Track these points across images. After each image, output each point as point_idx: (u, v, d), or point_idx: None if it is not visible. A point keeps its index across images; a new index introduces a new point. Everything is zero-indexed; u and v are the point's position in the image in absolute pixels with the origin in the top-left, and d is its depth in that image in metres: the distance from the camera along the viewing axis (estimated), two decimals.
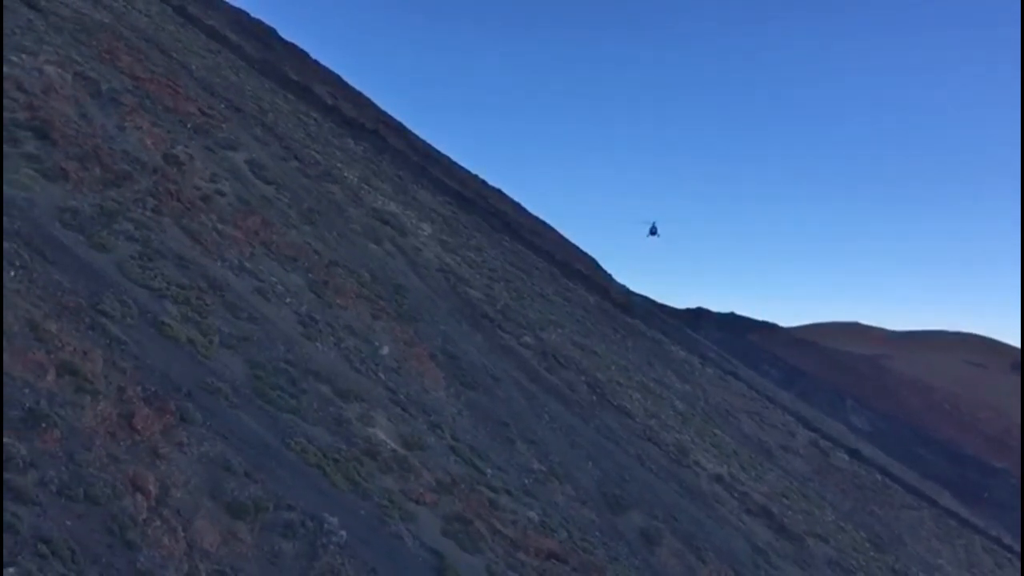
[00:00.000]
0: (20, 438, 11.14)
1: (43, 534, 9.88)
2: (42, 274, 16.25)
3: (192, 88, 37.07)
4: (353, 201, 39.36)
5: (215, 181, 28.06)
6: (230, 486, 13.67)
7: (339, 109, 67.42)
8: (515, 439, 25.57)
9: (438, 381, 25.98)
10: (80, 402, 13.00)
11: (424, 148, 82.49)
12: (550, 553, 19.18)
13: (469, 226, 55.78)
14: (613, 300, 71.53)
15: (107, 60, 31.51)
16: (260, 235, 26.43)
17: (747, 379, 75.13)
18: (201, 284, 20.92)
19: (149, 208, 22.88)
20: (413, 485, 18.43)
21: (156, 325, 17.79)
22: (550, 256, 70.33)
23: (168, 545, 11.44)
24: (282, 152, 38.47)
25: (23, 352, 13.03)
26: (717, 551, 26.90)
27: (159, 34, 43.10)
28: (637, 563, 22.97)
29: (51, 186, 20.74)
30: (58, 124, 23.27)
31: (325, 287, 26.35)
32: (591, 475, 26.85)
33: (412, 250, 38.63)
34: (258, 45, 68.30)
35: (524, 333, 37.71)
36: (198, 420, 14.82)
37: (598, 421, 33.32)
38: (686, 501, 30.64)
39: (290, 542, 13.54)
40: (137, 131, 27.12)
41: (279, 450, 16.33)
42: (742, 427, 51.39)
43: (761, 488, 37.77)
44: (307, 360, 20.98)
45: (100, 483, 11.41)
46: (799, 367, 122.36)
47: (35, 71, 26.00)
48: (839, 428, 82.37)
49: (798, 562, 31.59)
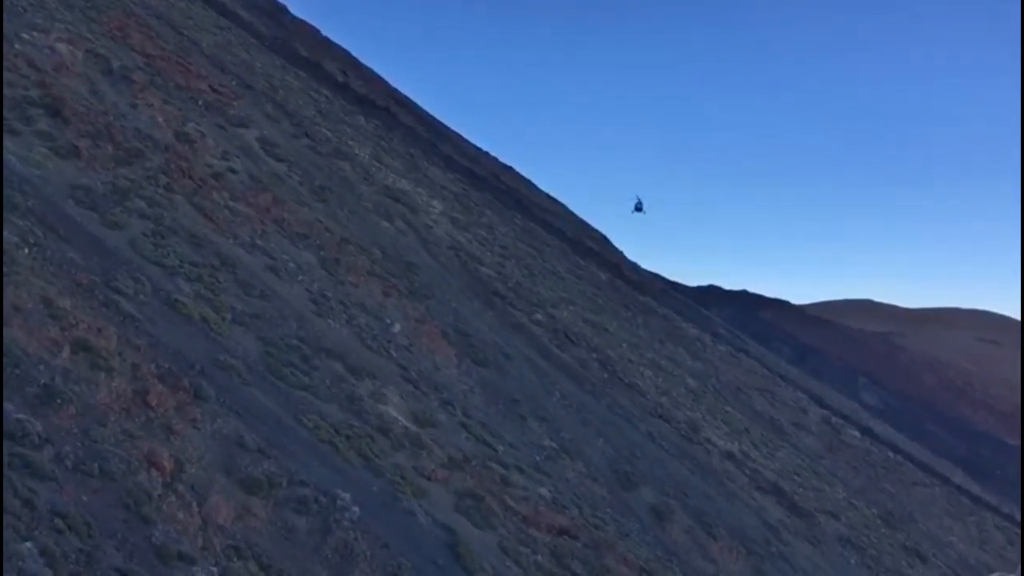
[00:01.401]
0: (36, 414, 11.24)
1: (59, 509, 9.98)
2: (56, 251, 16.33)
3: (203, 65, 37.02)
4: (364, 178, 39.32)
5: (226, 159, 28.08)
6: (244, 462, 13.78)
7: (350, 86, 67.24)
8: (526, 416, 25.64)
9: (449, 358, 26.04)
10: (95, 379, 13.10)
11: (435, 125, 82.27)
12: (561, 529, 19.28)
13: (480, 203, 55.68)
14: (625, 277, 71.42)
15: (118, 38, 31.48)
16: (272, 212, 26.46)
17: (759, 356, 75.01)
18: (213, 262, 20.99)
19: (161, 186, 22.93)
20: (425, 462, 18.52)
21: (169, 302, 17.88)
22: (561, 233, 70.20)
23: (183, 520, 11.55)
24: (293, 129, 38.43)
25: (38, 329, 13.12)
26: (728, 528, 26.98)
27: (170, 11, 43.00)
28: (648, 539, 23.06)
29: (64, 164, 20.81)
30: (70, 102, 23.30)
31: (336, 264, 26.39)
32: (602, 452, 26.93)
33: (423, 227, 38.61)
34: (269, 22, 68.08)
35: (535, 310, 37.72)
36: (212, 397, 14.92)
37: (609, 398, 33.36)
38: (697, 478, 30.70)
39: (303, 518, 13.64)
40: (149, 109, 27.13)
41: (292, 427, 16.43)
42: (754, 404, 51.38)
43: (772, 465, 37.81)
44: (319, 337, 21.05)
45: (115, 459, 11.51)
46: (811, 344, 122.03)
47: (47, 49, 26.00)
48: (851, 405, 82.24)
49: (809, 539, 31.65)
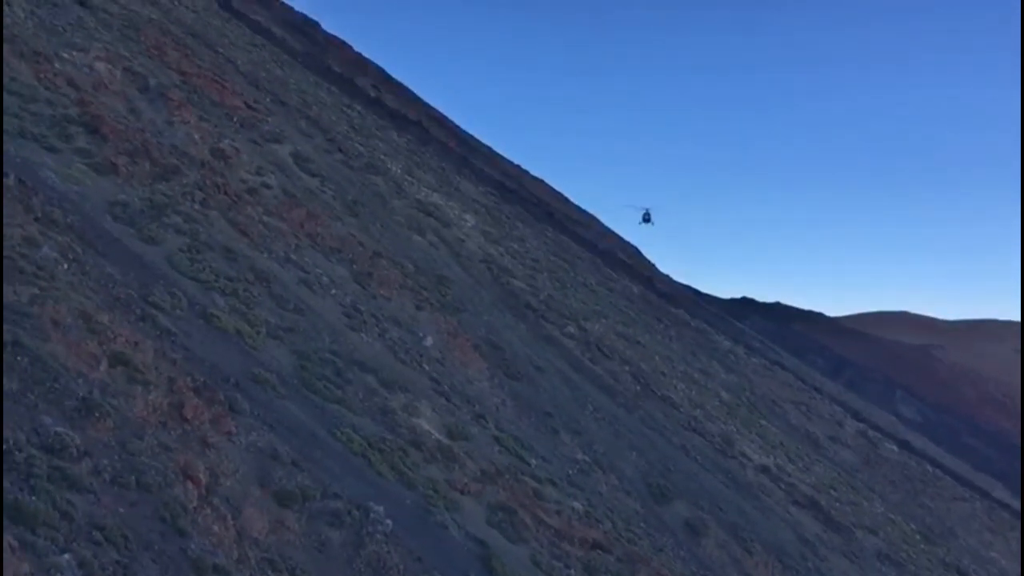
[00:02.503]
0: (74, 427, 11.38)
1: (97, 521, 10.08)
2: (94, 267, 16.57)
3: (238, 82, 37.51)
4: (396, 193, 39.55)
5: (261, 174, 28.39)
6: (278, 475, 13.85)
7: (382, 101, 67.77)
8: (559, 429, 25.55)
9: (482, 371, 26.04)
10: (132, 392, 13.24)
11: (467, 139, 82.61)
12: (595, 543, 19.15)
13: (512, 216, 55.76)
14: (657, 290, 71.10)
15: (155, 55, 31.99)
16: (305, 227, 26.68)
17: (793, 369, 74.24)
18: (248, 276, 21.19)
19: (197, 201, 23.22)
20: (458, 475, 18.50)
21: (205, 316, 18.06)
22: (593, 246, 70.10)
23: (218, 532, 11.62)
24: (326, 144, 38.77)
25: (77, 343, 13.30)
26: (764, 542, 26.66)
27: (205, 29, 43.64)
28: (682, 554, 22.85)
29: (102, 180, 21.14)
30: (108, 119, 23.69)
31: (369, 278, 26.53)
32: (635, 465, 26.76)
33: (455, 241, 38.73)
34: (302, 39, 68.84)
35: (567, 323, 37.64)
36: (246, 410, 15.02)
37: (642, 411, 33.17)
38: (732, 492, 30.39)
39: (337, 530, 13.67)
40: (185, 125, 27.52)
41: (325, 440, 16.49)
42: (789, 417, 50.82)
43: (808, 479, 37.34)
44: (352, 351, 21.15)
45: (152, 471, 11.61)
46: (847, 357, 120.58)
47: (86, 67, 26.48)
48: (888, 419, 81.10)
49: (847, 554, 31.18)
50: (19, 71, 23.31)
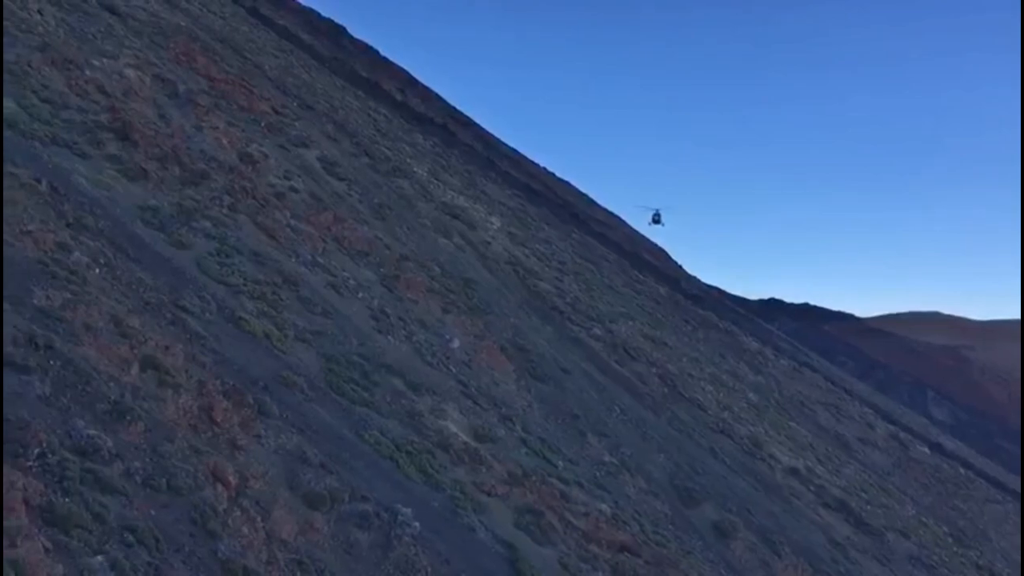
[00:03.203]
0: (106, 430, 11.51)
1: (129, 523, 10.19)
2: (125, 271, 16.76)
3: (265, 87, 37.80)
4: (423, 196, 39.67)
5: (288, 178, 28.59)
6: (307, 477, 13.93)
7: (408, 104, 68.03)
8: (586, 431, 25.51)
9: (508, 374, 26.05)
10: (162, 395, 13.38)
11: (493, 141, 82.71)
12: (622, 546, 19.09)
13: (538, 219, 55.75)
14: (684, 291, 70.78)
15: (184, 62, 32.32)
16: (332, 231, 26.83)
17: (823, 370, 73.61)
18: (276, 280, 21.34)
19: (226, 206, 23.43)
20: (485, 477, 18.52)
21: (234, 320, 18.21)
22: (619, 247, 69.93)
23: (248, 534, 11.70)
24: (353, 148, 38.98)
25: (108, 347, 13.46)
26: (793, 545, 26.44)
27: (233, 35, 44.03)
28: (711, 556, 22.72)
29: (132, 186, 21.38)
30: (138, 125, 23.96)
31: (396, 281, 26.63)
32: (663, 468, 26.65)
33: (481, 243, 38.78)
34: (329, 44, 69.28)
35: (594, 325, 37.57)
36: (275, 413, 15.13)
37: (670, 413, 33.03)
38: (761, 494, 30.18)
39: (365, 532, 13.73)
40: (213, 131, 27.77)
41: (353, 442, 16.57)
42: (818, 419, 50.38)
43: (838, 481, 36.99)
44: (379, 353, 21.24)
45: (182, 474, 11.72)
46: (877, 358, 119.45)
47: (116, 74, 26.80)
48: (919, 420, 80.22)
49: (878, 557, 30.86)
50: (51, 78, 23.64)
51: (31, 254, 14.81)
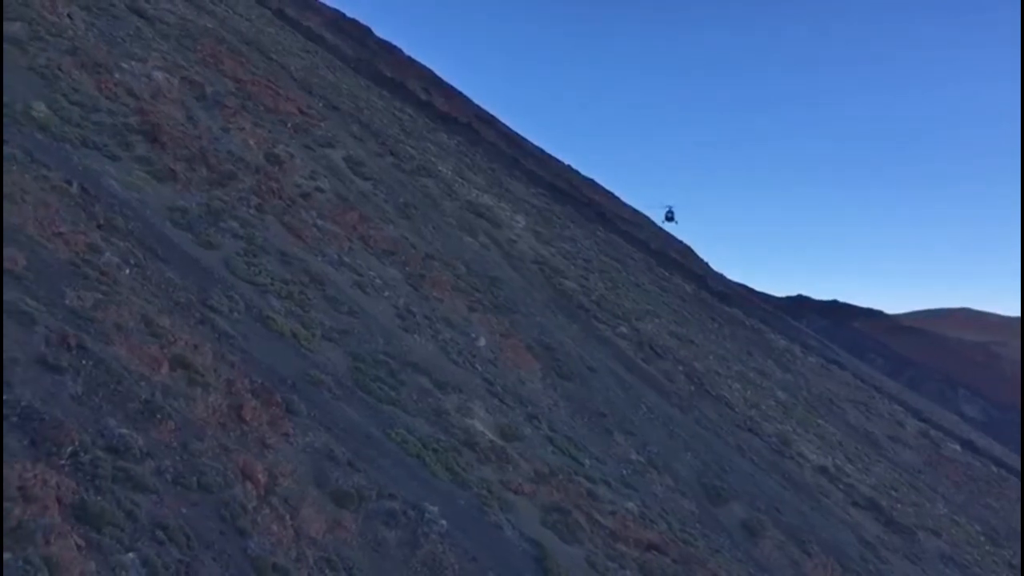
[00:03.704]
0: (137, 429, 11.63)
1: (160, 521, 10.29)
2: (155, 272, 16.94)
3: (291, 88, 38.03)
4: (448, 194, 39.75)
5: (314, 178, 28.76)
6: (334, 475, 14.01)
7: (433, 104, 68.19)
8: (612, 430, 25.45)
9: (534, 372, 26.05)
10: (192, 394, 13.50)
11: (517, 140, 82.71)
12: (650, 544, 19.03)
13: (563, 217, 55.70)
14: (710, 289, 70.42)
15: (211, 64, 32.60)
16: (358, 230, 26.96)
17: (852, 368, 72.97)
18: (303, 279, 21.48)
19: (253, 206, 23.61)
20: (511, 475, 18.53)
21: (262, 319, 18.34)
22: (645, 245, 69.69)
23: (277, 532, 11.79)
24: (378, 148, 39.13)
25: (139, 347, 13.60)
26: (822, 544, 26.24)
27: (259, 37, 44.34)
28: (740, 555, 22.60)
29: (161, 187, 21.60)
30: (166, 127, 24.20)
31: (422, 280, 26.71)
32: (690, 466, 26.54)
33: (507, 242, 38.80)
34: (354, 44, 69.61)
35: (620, 323, 37.48)
36: (303, 411, 15.22)
37: (697, 411, 32.89)
38: (789, 493, 29.97)
39: (392, 530, 13.79)
40: (240, 132, 27.99)
41: (380, 440, 16.64)
42: (847, 417, 49.95)
43: (868, 480, 36.67)
44: (406, 352, 21.31)
45: (212, 472, 11.82)
46: (907, 355, 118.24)
47: (144, 77, 27.08)
48: (951, 418, 79.31)
49: (909, 556, 30.55)
50: (81, 82, 23.93)
51: (63, 255, 15.00)
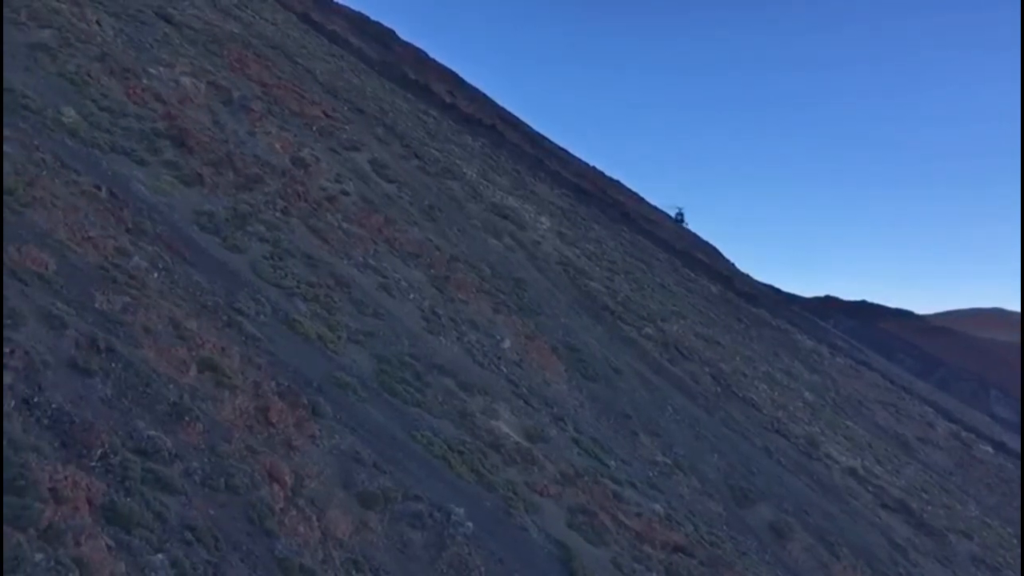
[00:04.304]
0: (166, 431, 11.75)
1: (189, 522, 10.38)
2: (182, 275, 17.10)
3: (316, 92, 38.26)
4: (472, 197, 39.81)
5: (340, 181, 28.90)
6: (360, 477, 14.06)
7: (457, 106, 68.30)
8: (638, 431, 25.37)
9: (559, 374, 26.02)
10: (220, 396, 13.61)
11: (541, 141, 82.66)
12: (676, 546, 18.95)
13: (588, 218, 55.60)
14: (736, 289, 70.01)
15: (237, 69, 32.87)
16: (383, 233, 27.06)
17: (881, 369, 72.24)
18: (329, 282, 21.60)
19: (279, 209, 23.77)
20: (537, 477, 18.52)
21: (288, 322, 18.46)
22: (670, 246, 69.39)
23: (304, 533, 11.86)
24: (403, 151, 39.26)
25: (167, 349, 13.74)
26: (852, 547, 26.00)
27: (285, 41, 44.64)
28: (767, 558, 22.44)
29: (188, 191, 21.81)
30: (194, 132, 24.43)
31: (447, 282, 26.76)
32: (717, 468, 26.39)
33: (531, 244, 38.79)
34: (378, 47, 69.90)
35: (645, 324, 37.35)
36: (329, 413, 15.30)
37: (723, 413, 32.70)
38: (817, 495, 29.72)
39: (418, 532, 13.82)
40: (266, 136, 28.20)
41: (406, 442, 16.69)
42: (876, 419, 49.45)
43: (898, 482, 36.28)
44: (431, 354, 21.36)
45: (240, 474, 11.91)
46: (938, 356, 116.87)
47: (172, 82, 27.36)
48: (982, 419, 78.26)
49: (940, 559, 30.19)
50: (110, 88, 24.22)
51: (92, 259, 15.18)
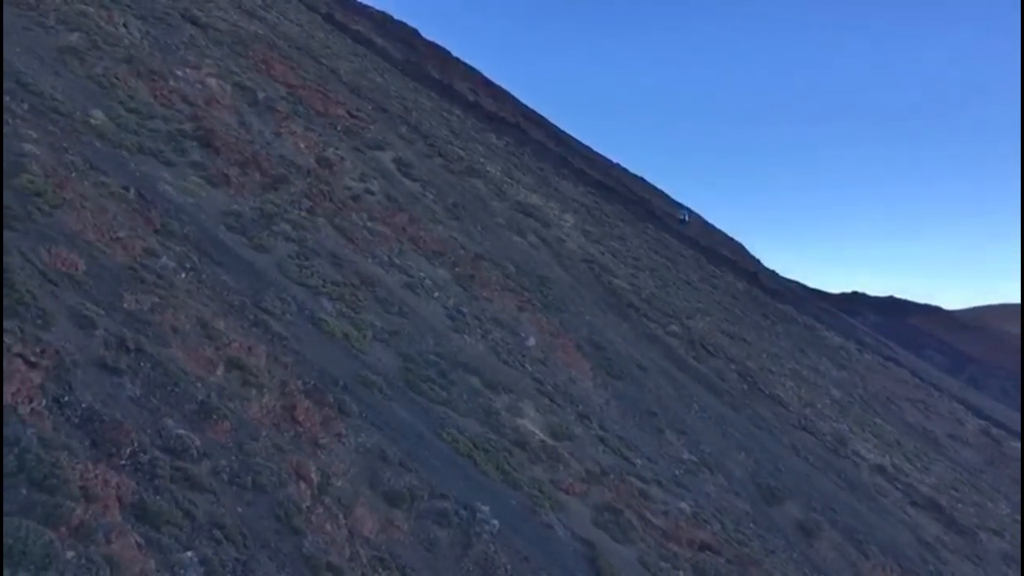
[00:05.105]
0: (194, 429, 11.85)
1: (217, 520, 10.46)
2: (210, 275, 17.24)
3: (341, 92, 38.43)
4: (496, 195, 39.83)
5: (364, 180, 29.02)
6: (386, 475, 14.12)
7: (480, 104, 68.38)
8: (664, 429, 25.28)
9: (585, 371, 25.98)
10: (247, 395, 13.71)
11: (565, 139, 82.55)
12: (703, 544, 18.87)
13: (612, 215, 55.47)
14: (762, 286, 69.57)
15: (262, 70, 33.08)
16: (408, 231, 27.14)
17: (909, 365, 71.57)
18: (354, 281, 21.69)
19: (304, 209, 23.91)
20: (563, 475, 18.51)
21: (314, 321, 18.57)
22: (695, 243, 69.09)
23: (331, 532, 11.92)
24: (427, 149, 39.35)
25: (194, 349, 13.86)
26: (880, 545, 25.78)
27: (309, 42, 44.88)
28: (795, 556, 22.30)
29: (215, 192, 21.98)
30: (220, 133, 24.62)
31: (471, 280, 26.79)
32: (744, 465, 26.25)
33: (556, 241, 38.75)
34: (402, 47, 70.09)
35: (671, 321, 37.21)
36: (355, 412, 15.37)
37: (750, 410, 32.52)
38: (845, 492, 29.49)
39: (444, 530, 13.86)
40: (291, 136, 28.37)
41: (432, 440, 16.74)
42: (905, 415, 48.99)
43: (928, 479, 35.92)
44: (456, 352, 21.40)
45: (267, 472, 11.99)
46: (967, 352, 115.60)
47: (198, 84, 27.58)
48: (1013, 416, 77.27)
49: (970, 557, 29.87)
50: (137, 90, 24.45)
51: (121, 260, 15.34)
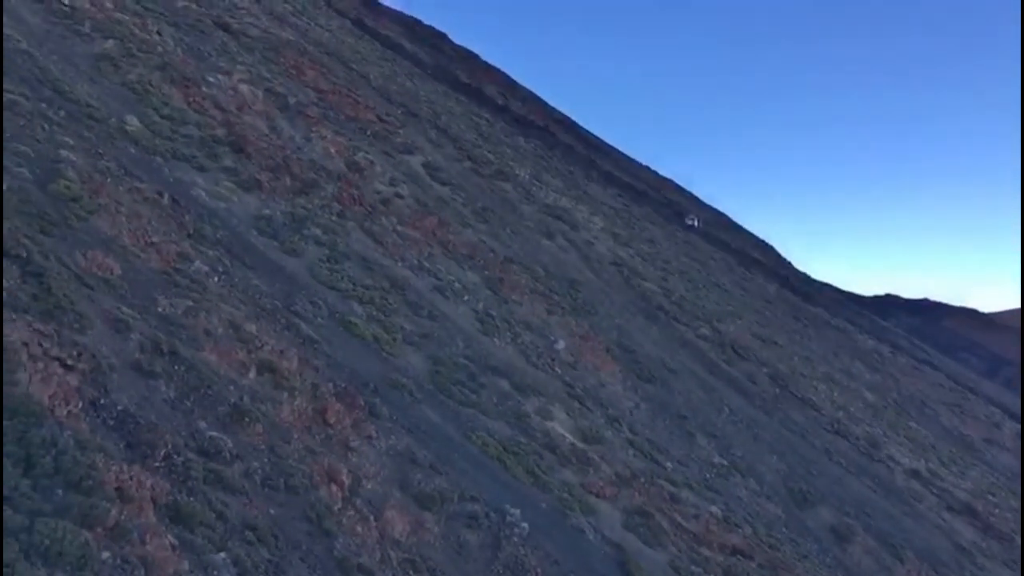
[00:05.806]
0: (227, 432, 11.96)
1: (249, 522, 10.55)
2: (242, 279, 17.41)
3: (371, 97, 38.66)
4: (525, 198, 39.85)
5: (394, 184, 29.17)
6: (416, 478, 14.16)
7: (509, 108, 68.46)
8: (694, 432, 25.15)
9: (614, 375, 25.90)
10: (278, 398, 13.82)
11: (594, 142, 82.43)
12: (735, 549, 18.74)
13: (641, 218, 55.29)
14: (794, 288, 68.99)
15: (293, 75, 33.37)
16: (437, 235, 27.23)
17: (944, 368, 70.61)
18: (384, 284, 21.80)
19: (335, 213, 24.08)
20: (592, 478, 18.47)
21: (344, 324, 18.68)
22: (726, 245, 68.66)
23: (362, 533, 11.97)
24: (456, 153, 39.47)
25: (227, 352, 13.99)
26: (915, 550, 25.45)
27: (339, 47, 45.20)
28: (828, 561, 22.08)
29: (247, 196, 22.19)
30: (251, 138, 24.86)
31: (500, 284, 26.82)
32: (775, 469, 26.03)
33: (585, 244, 38.70)
34: (431, 51, 70.36)
35: (701, 325, 37.00)
36: (385, 415, 15.44)
37: (782, 414, 32.24)
38: (879, 497, 29.15)
39: (474, 532, 13.87)
40: (322, 140, 28.58)
41: (461, 443, 16.77)
42: (940, 419, 48.33)
43: (964, 484, 35.40)
44: (485, 355, 21.43)
45: (299, 474, 12.08)
46: (1004, 355, 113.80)
47: (230, 90, 27.87)
48: None
49: (1007, 563, 29.38)
50: (170, 96, 24.76)
51: (155, 264, 15.53)
